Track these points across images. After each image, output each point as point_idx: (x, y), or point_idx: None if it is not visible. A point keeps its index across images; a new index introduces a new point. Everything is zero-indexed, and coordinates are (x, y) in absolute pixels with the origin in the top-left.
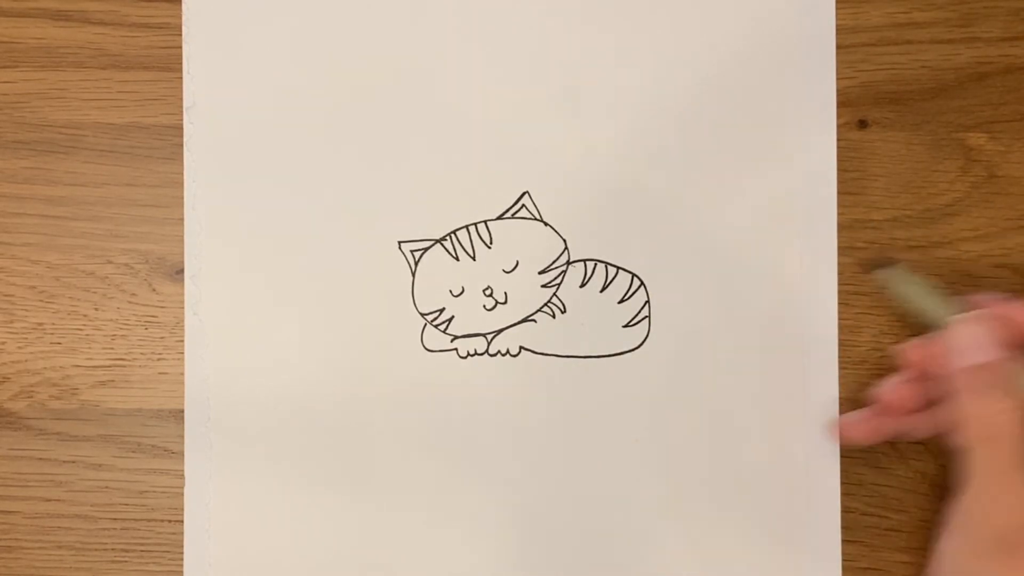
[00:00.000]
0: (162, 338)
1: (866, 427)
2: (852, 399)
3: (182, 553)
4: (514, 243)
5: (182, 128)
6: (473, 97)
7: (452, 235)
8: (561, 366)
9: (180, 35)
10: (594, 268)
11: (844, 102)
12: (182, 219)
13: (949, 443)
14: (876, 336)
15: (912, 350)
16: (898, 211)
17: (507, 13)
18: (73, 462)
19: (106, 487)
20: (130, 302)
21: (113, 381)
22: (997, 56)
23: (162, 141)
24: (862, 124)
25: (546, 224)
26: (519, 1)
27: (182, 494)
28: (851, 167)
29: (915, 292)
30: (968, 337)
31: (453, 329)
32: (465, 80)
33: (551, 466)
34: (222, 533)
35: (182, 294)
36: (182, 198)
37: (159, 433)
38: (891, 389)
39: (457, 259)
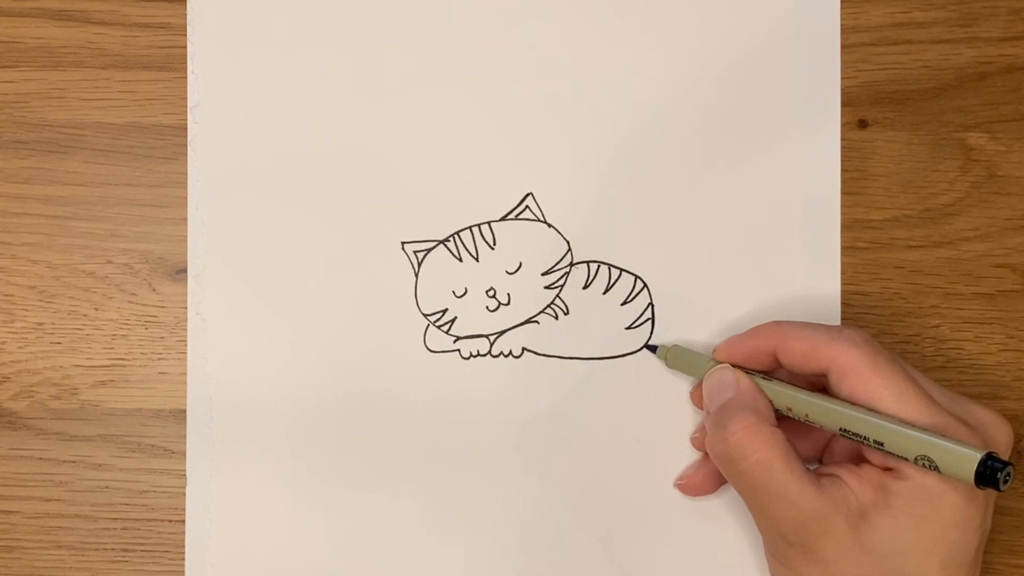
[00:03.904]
0: (162, 338)
1: (699, 478)
2: None
3: (183, 553)
4: (517, 244)
5: (182, 128)
6: (477, 98)
7: (455, 236)
8: (564, 368)
9: (180, 35)
10: (597, 270)
11: (844, 102)
12: (182, 219)
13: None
14: (877, 336)
15: (695, 394)
16: (898, 211)
17: (511, 14)
18: (73, 462)
19: (106, 487)
20: (130, 302)
21: (113, 381)
22: (997, 56)
23: (162, 141)
24: (862, 124)
25: (549, 225)
26: (523, 2)
27: (182, 494)
28: (851, 167)
29: (686, 362)
30: (712, 383)
31: (456, 330)
32: (469, 81)
33: (553, 467)
34: (223, 533)
35: (182, 294)
36: (182, 198)
37: (159, 433)
38: (699, 438)
39: (460, 260)
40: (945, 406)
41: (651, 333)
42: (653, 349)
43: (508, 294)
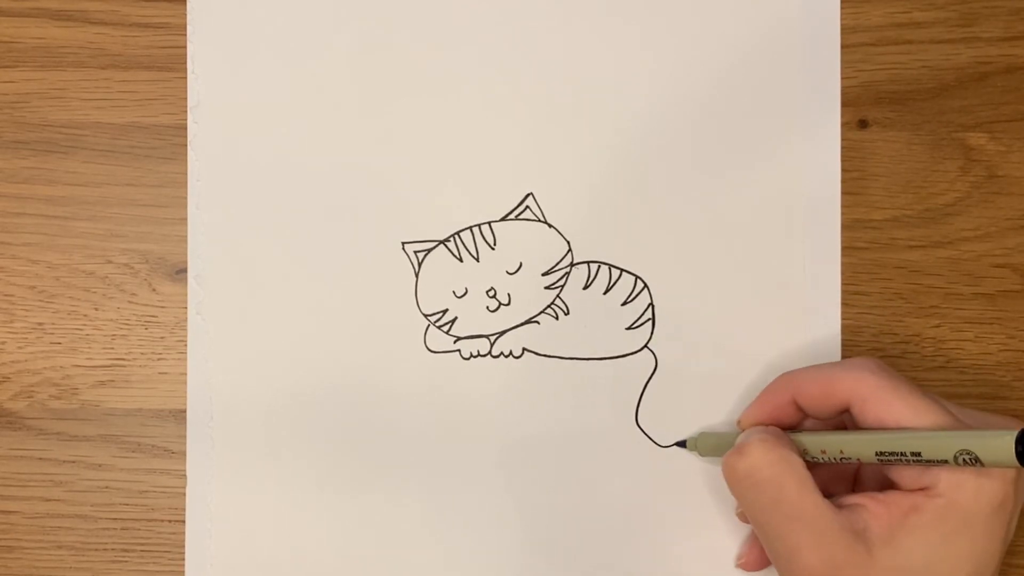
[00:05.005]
0: (162, 338)
1: (756, 553)
2: None
3: (183, 553)
4: (517, 244)
5: (182, 128)
6: (477, 98)
7: (456, 236)
8: (564, 368)
9: (180, 35)
10: (597, 270)
11: (844, 102)
12: (182, 219)
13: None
14: (877, 336)
15: None
16: (898, 211)
17: (511, 15)
18: (73, 462)
19: (106, 487)
20: (130, 302)
21: (113, 381)
22: (997, 56)
23: (162, 141)
24: (862, 124)
25: (550, 226)
26: (523, 3)
27: (182, 494)
28: (851, 167)
29: (716, 444)
30: (741, 439)
31: (456, 330)
32: (469, 81)
33: (553, 468)
34: (223, 533)
35: (182, 294)
36: (182, 198)
37: (159, 433)
38: (744, 512)
39: (460, 260)
40: (965, 419)
41: (651, 333)
42: (683, 444)
43: (508, 294)
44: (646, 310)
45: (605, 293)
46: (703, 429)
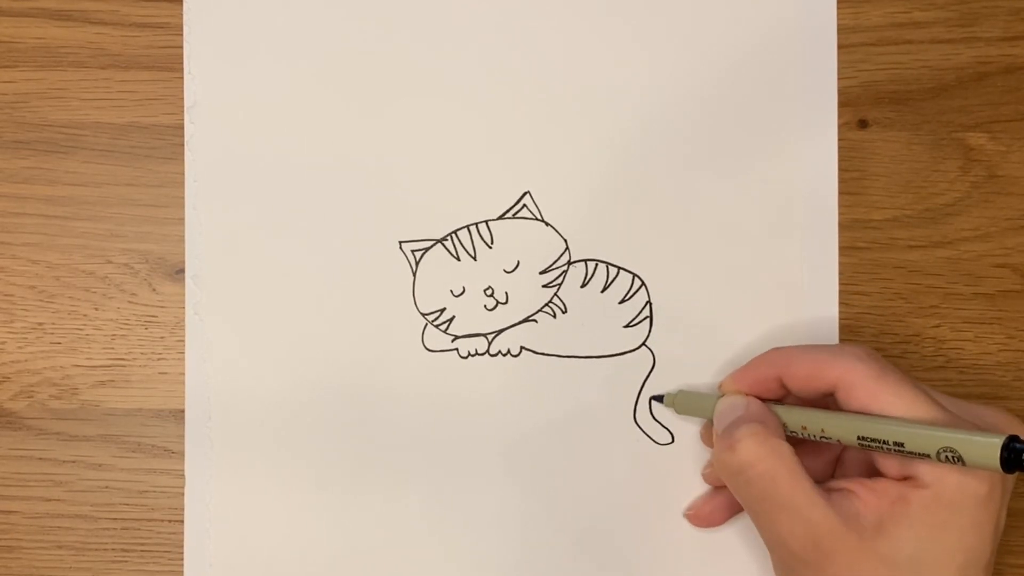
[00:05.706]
0: (162, 338)
1: (708, 509)
2: None
3: (182, 553)
4: (515, 243)
5: (182, 128)
6: (474, 97)
7: (453, 235)
8: (562, 366)
9: (180, 35)
10: (595, 268)
11: (844, 102)
12: (182, 219)
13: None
14: (876, 336)
15: (705, 434)
16: (898, 211)
17: (509, 14)
18: (73, 462)
19: (106, 487)
20: (130, 302)
21: (113, 381)
22: (997, 56)
23: (162, 141)
24: (862, 124)
25: (547, 224)
26: (520, 2)
27: (182, 494)
28: (851, 167)
29: (694, 404)
30: (722, 407)
31: (454, 329)
32: (466, 79)
33: (551, 466)
34: (222, 533)
35: (182, 294)
36: (182, 198)
37: (159, 433)
38: (709, 473)
39: (458, 259)
40: (955, 411)
41: (649, 331)
42: (660, 399)
43: (506, 293)
44: (644, 308)
45: (603, 291)
46: (682, 387)
